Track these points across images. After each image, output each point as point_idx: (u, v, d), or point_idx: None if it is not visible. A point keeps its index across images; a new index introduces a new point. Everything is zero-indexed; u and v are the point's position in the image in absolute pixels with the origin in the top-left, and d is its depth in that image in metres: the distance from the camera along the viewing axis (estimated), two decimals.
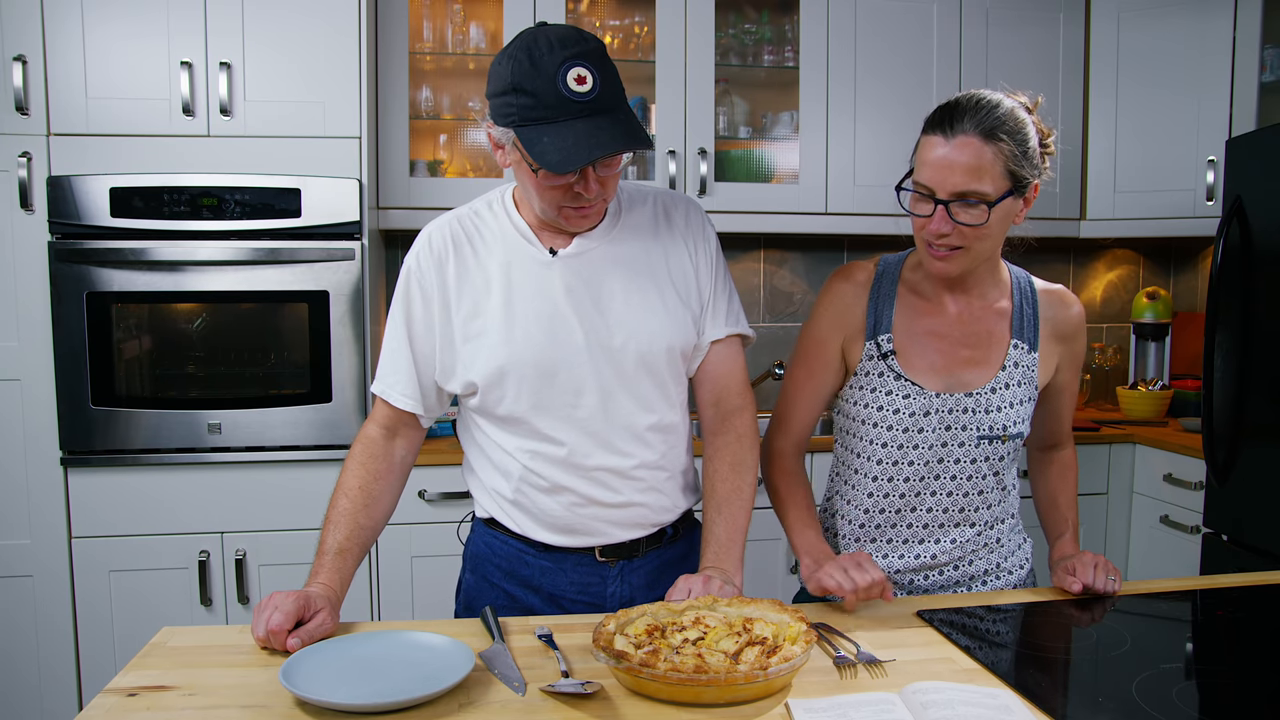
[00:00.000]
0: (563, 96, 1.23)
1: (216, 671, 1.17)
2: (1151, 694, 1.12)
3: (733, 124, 3.13)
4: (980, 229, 1.36)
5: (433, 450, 2.66)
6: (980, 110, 1.35)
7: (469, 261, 1.41)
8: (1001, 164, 1.34)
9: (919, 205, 1.40)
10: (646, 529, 1.48)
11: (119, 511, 2.52)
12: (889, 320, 1.51)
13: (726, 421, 1.51)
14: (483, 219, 1.44)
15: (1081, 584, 1.45)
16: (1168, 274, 3.69)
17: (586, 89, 1.23)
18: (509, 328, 1.38)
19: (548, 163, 1.24)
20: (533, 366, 1.38)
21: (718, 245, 1.51)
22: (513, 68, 1.25)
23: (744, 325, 1.52)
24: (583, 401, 1.40)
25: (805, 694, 1.11)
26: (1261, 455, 2.42)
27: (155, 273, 2.49)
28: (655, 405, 1.44)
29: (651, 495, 1.46)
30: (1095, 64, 3.17)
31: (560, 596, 1.48)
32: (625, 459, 1.42)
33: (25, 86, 2.42)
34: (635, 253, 1.43)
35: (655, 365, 1.42)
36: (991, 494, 1.53)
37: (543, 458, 1.41)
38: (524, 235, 1.42)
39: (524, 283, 1.39)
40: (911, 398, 1.48)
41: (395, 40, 2.82)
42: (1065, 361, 1.57)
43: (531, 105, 1.24)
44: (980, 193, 1.34)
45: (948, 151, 1.34)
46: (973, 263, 1.43)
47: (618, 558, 1.48)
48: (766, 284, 3.41)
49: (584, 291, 1.40)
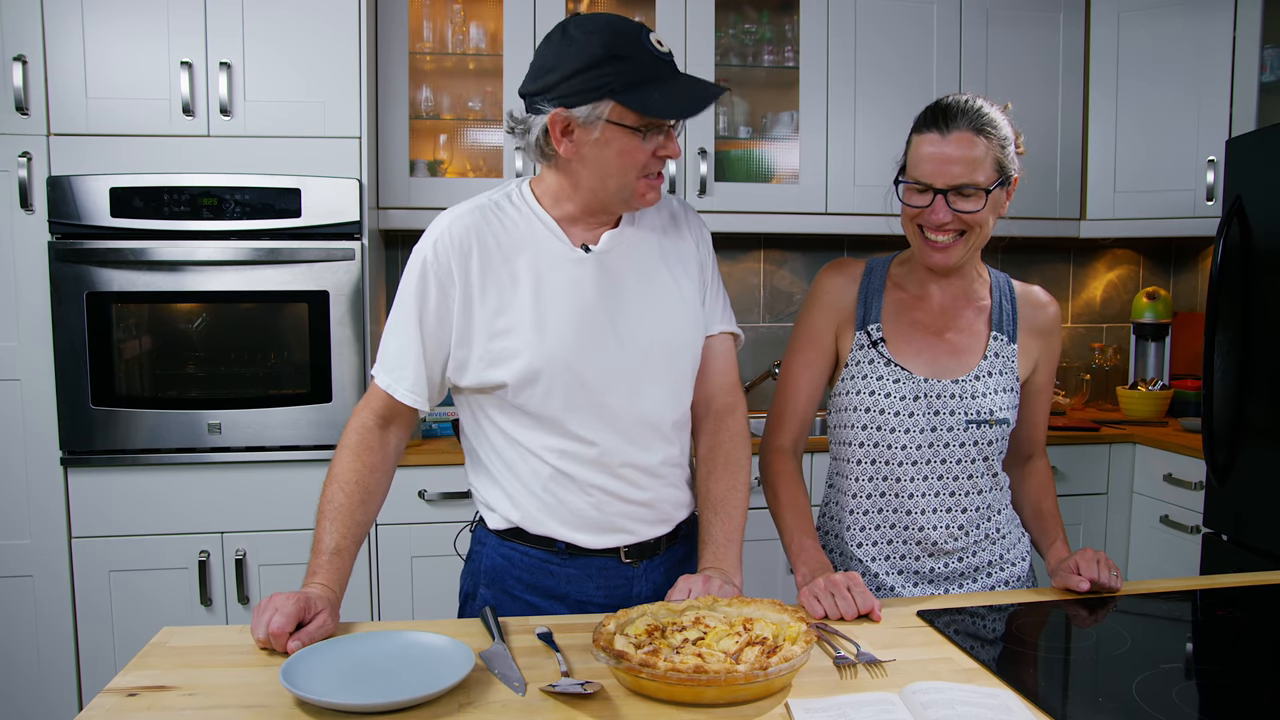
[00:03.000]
0: (656, 57, 1.30)
1: (216, 671, 1.17)
2: (1151, 694, 1.12)
3: (733, 124, 3.13)
4: (977, 216, 1.46)
5: (433, 450, 2.66)
6: (971, 109, 1.46)
7: (493, 256, 1.38)
8: (992, 157, 1.45)
9: (917, 198, 1.48)
10: (668, 525, 1.49)
11: (119, 511, 2.52)
12: (878, 311, 1.58)
13: (719, 420, 1.52)
14: (505, 213, 1.41)
15: (1088, 580, 1.45)
16: (1168, 274, 3.69)
17: (666, 50, 1.32)
18: (541, 326, 1.37)
19: (667, 112, 1.29)
20: (566, 365, 1.37)
21: (711, 244, 1.56)
22: (601, 40, 1.28)
23: (735, 325, 1.55)
24: (612, 399, 1.40)
25: (805, 694, 1.11)
26: (1261, 455, 2.42)
27: (155, 273, 2.49)
28: (680, 399, 1.47)
29: (671, 491, 1.48)
30: (1095, 64, 3.17)
31: (587, 603, 1.46)
32: (652, 454, 1.43)
33: (25, 86, 2.42)
34: (654, 248, 1.46)
35: (680, 358, 1.45)
36: (982, 479, 1.57)
37: (572, 457, 1.40)
38: (553, 232, 1.40)
39: (555, 280, 1.38)
40: (901, 382, 1.53)
41: (395, 40, 2.82)
42: (1042, 359, 1.63)
43: (632, 69, 1.28)
44: (976, 183, 1.44)
45: (946, 147, 1.44)
46: (967, 253, 1.51)
47: (640, 558, 1.48)
48: (766, 284, 3.41)
49: (613, 287, 1.40)
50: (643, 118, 1.29)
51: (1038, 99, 3.14)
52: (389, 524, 2.60)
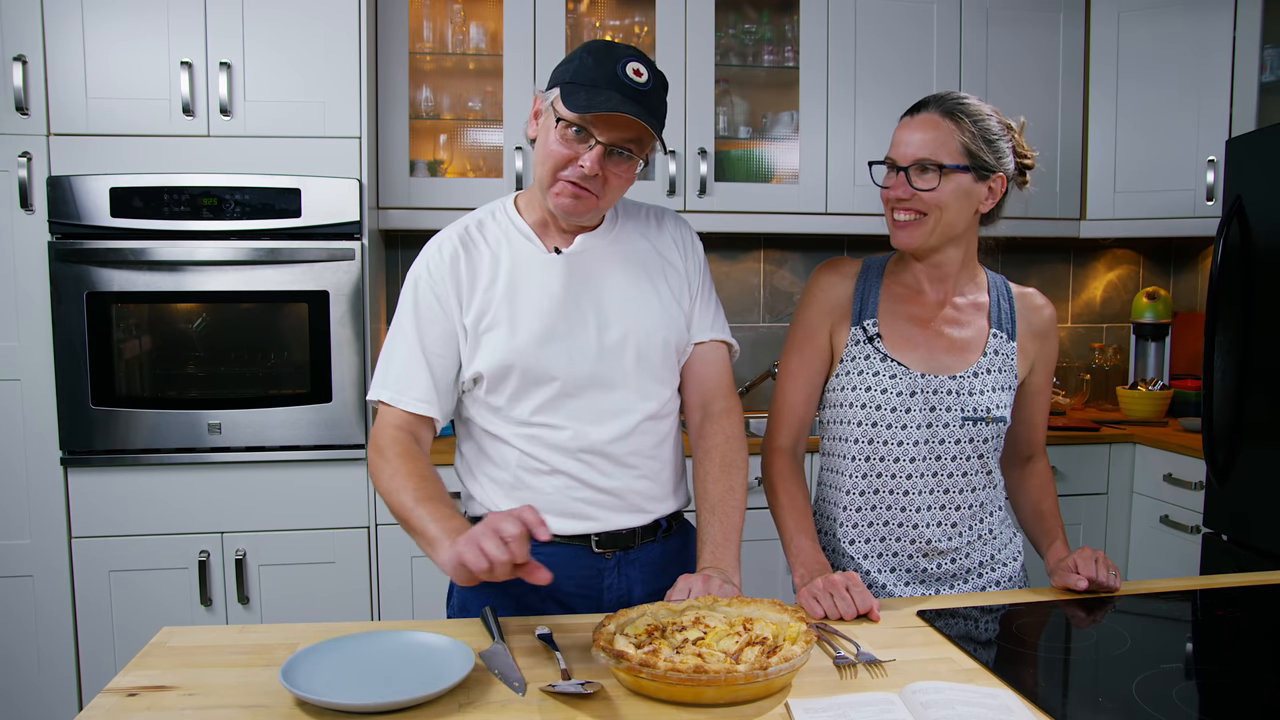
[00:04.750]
0: (615, 75, 1.35)
1: (216, 671, 1.17)
2: (1151, 694, 1.12)
3: (733, 124, 3.13)
4: (934, 195, 1.48)
5: (433, 450, 2.65)
6: (947, 97, 1.52)
7: (477, 263, 1.47)
8: (958, 140, 1.48)
9: (887, 178, 1.54)
10: (640, 516, 1.51)
11: (119, 511, 2.52)
12: (874, 307, 1.59)
13: (714, 423, 1.55)
14: (486, 226, 1.51)
15: (1086, 579, 1.46)
16: (1168, 274, 3.69)
17: (642, 80, 1.36)
18: (513, 322, 1.44)
19: (576, 104, 1.33)
20: (535, 359, 1.43)
21: (705, 258, 1.60)
22: (587, 44, 1.40)
23: (729, 335, 1.59)
24: (582, 394, 1.46)
25: (805, 694, 1.11)
26: (1261, 455, 2.42)
27: (155, 273, 2.49)
28: (650, 395, 1.50)
29: (644, 483, 1.50)
30: (1095, 64, 3.17)
31: (557, 590, 1.48)
32: (619, 445, 1.47)
33: (25, 86, 2.42)
34: (632, 251, 1.52)
35: (650, 357, 1.49)
36: (976, 477, 1.57)
37: (539, 441, 1.46)
38: (527, 236, 1.49)
39: (527, 279, 1.46)
40: (898, 378, 1.54)
41: (395, 40, 2.82)
42: (1039, 361, 1.63)
43: (588, 70, 1.36)
44: (935, 160, 1.47)
45: (911, 126, 1.51)
46: (933, 236, 1.52)
47: (614, 548, 1.50)
48: (766, 284, 3.41)
49: (584, 287, 1.47)
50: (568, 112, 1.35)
51: (1038, 99, 3.14)
52: (389, 524, 2.60)
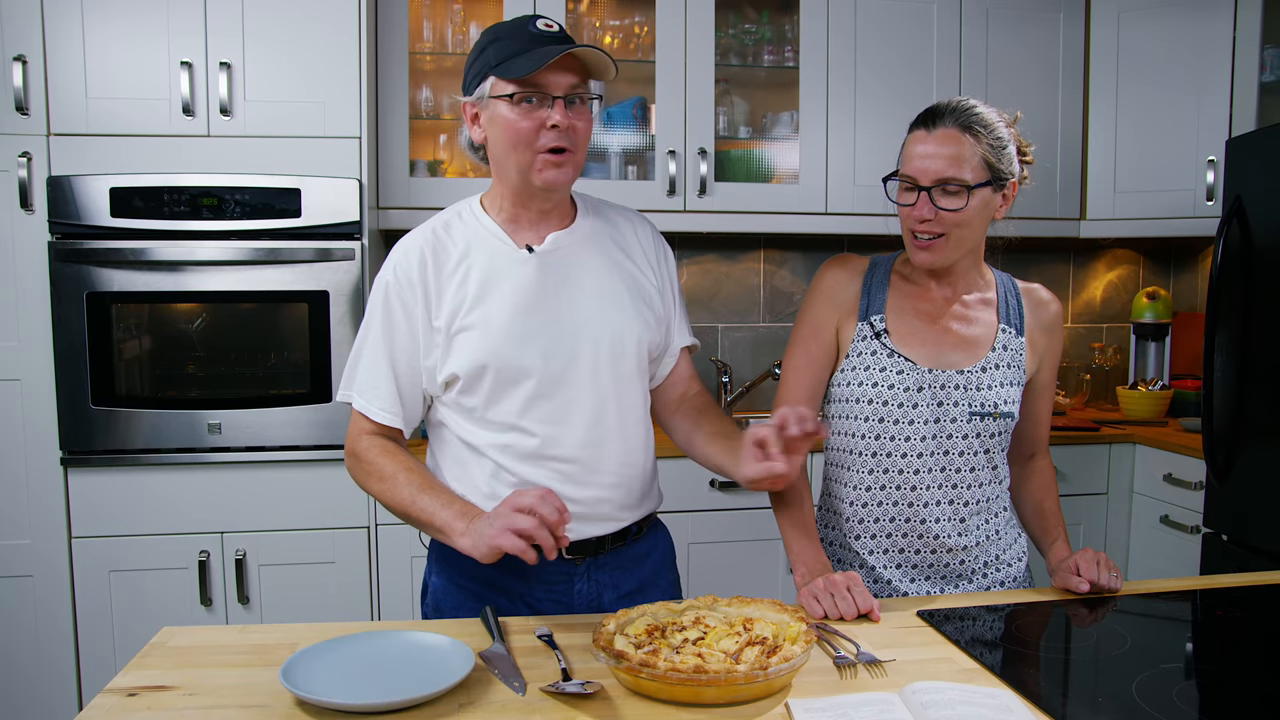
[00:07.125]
0: (532, 33, 1.37)
1: (216, 671, 1.17)
2: (1151, 694, 1.12)
3: (733, 124, 3.13)
4: (960, 214, 1.47)
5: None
6: (960, 109, 1.48)
7: (446, 266, 1.45)
8: (979, 155, 1.46)
9: (905, 195, 1.51)
10: (611, 525, 1.50)
11: (119, 511, 2.52)
12: (881, 303, 1.58)
13: (690, 401, 1.61)
14: (453, 228, 1.49)
15: (1088, 581, 1.46)
16: (1168, 274, 3.69)
17: (555, 29, 1.39)
18: (487, 323, 1.42)
19: (519, 70, 1.34)
20: (511, 358, 1.42)
21: (673, 260, 1.62)
22: (489, 34, 1.41)
23: (692, 336, 1.64)
24: (557, 394, 1.44)
25: (805, 694, 1.11)
26: (1261, 455, 2.42)
27: (155, 273, 2.49)
28: (624, 398, 1.49)
29: (618, 492, 1.49)
30: (1095, 64, 3.17)
31: (527, 595, 1.48)
32: (594, 450, 1.46)
33: (25, 86, 2.42)
34: (602, 251, 1.51)
35: (625, 358, 1.48)
36: (983, 472, 1.57)
37: (513, 451, 1.44)
38: (497, 235, 1.47)
39: (501, 280, 1.44)
40: (905, 373, 1.53)
41: (395, 40, 2.82)
42: (1046, 356, 1.64)
43: (508, 46, 1.37)
44: (959, 179, 1.45)
45: (930, 143, 1.47)
46: (954, 252, 1.51)
47: (583, 554, 1.49)
48: (766, 284, 3.41)
49: (558, 287, 1.46)
50: (514, 84, 1.36)
51: (1038, 99, 3.14)
52: (389, 524, 2.60)
